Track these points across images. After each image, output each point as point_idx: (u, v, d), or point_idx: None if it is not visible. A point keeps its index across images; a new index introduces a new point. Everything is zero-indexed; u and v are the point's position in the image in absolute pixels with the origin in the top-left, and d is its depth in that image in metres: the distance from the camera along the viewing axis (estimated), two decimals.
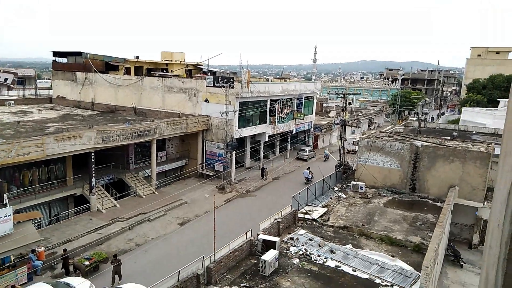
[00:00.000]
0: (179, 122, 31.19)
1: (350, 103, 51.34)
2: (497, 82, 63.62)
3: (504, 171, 1.50)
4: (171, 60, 47.87)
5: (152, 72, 44.06)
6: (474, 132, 36.74)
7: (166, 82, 36.23)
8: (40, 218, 23.13)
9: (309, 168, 35.65)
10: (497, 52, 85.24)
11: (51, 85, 49.31)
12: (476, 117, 44.84)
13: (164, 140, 32.82)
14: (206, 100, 33.71)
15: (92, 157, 25.01)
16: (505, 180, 1.45)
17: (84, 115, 36.01)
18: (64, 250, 19.48)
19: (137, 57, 46.93)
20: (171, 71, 45.57)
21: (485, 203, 23.20)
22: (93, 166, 25.23)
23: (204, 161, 34.15)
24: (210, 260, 15.39)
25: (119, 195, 27.90)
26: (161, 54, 49.67)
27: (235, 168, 33.82)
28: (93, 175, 25.35)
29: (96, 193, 25.92)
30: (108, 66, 43.17)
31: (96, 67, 41.27)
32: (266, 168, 35.67)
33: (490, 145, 26.16)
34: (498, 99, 52.83)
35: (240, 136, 33.96)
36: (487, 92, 63.22)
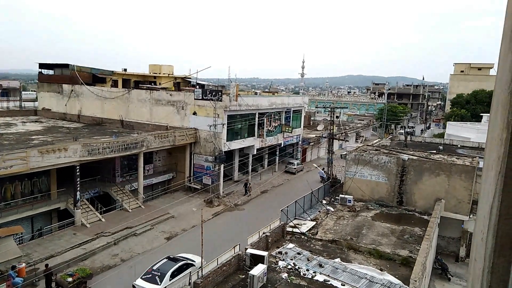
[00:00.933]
0: (167, 134, 31.03)
1: (337, 117, 51.86)
2: (480, 97, 65.27)
3: (486, 184, 1.54)
4: (159, 73, 47.86)
5: (140, 85, 43.86)
6: (459, 146, 37.35)
7: (154, 95, 36.19)
8: (22, 233, 22.50)
9: (323, 168, 35.89)
10: (479, 68, 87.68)
11: (37, 97, 48.68)
12: (460, 131, 45.65)
13: (151, 153, 32.60)
14: (195, 113, 33.71)
15: (77, 170, 24.61)
16: (487, 194, 1.49)
17: (70, 128, 35.55)
18: (46, 265, 18.94)
19: (125, 70, 46.79)
20: (159, 83, 45.51)
21: (470, 216, 23.42)
22: (78, 179, 24.80)
23: (192, 174, 33.96)
24: (197, 275, 15.15)
25: (104, 209, 27.43)
26: (149, 67, 49.65)
27: (223, 182, 33.72)
28: (78, 188, 24.90)
29: (81, 207, 25.43)
30: (95, 78, 42.91)
31: (83, 79, 40.97)
32: (249, 183, 34.82)
33: (474, 158, 26.62)
34: (481, 114, 54.14)
35: (229, 149, 33.93)
36: (470, 107, 64.76)
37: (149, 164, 33.11)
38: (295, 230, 21.01)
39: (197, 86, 40.67)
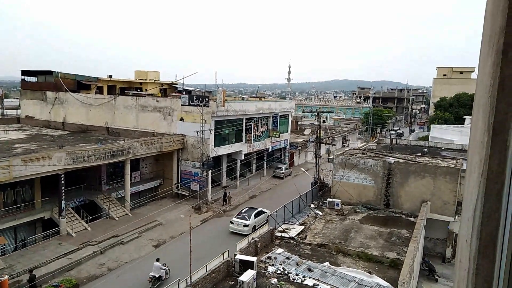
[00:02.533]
0: (154, 141, 30.88)
1: (324, 121, 52.28)
2: (462, 100, 66.62)
3: (469, 186, 1.56)
4: (146, 79, 47.49)
5: (125, 91, 43.45)
6: (443, 148, 37.87)
7: (140, 101, 35.98)
8: (4, 244, 21.92)
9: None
10: (461, 72, 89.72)
11: (19, 105, 47.72)
12: (444, 134, 46.37)
13: (138, 160, 32.34)
14: (181, 119, 33.59)
15: (62, 178, 24.16)
16: (471, 196, 1.51)
17: (54, 135, 34.93)
18: (31, 271, 18.45)
19: (110, 76, 46.33)
20: (146, 90, 45.20)
21: (456, 217, 23.78)
22: (63, 188, 24.34)
23: (179, 181, 33.74)
24: (186, 283, 14.98)
25: (90, 217, 26.96)
26: (135, 73, 49.23)
27: (211, 188, 33.63)
28: (63, 197, 24.43)
29: (66, 216, 24.94)
30: (80, 85, 42.34)
31: (67, 86, 40.39)
32: (229, 193, 33.64)
33: (458, 160, 27.04)
34: (464, 116, 55.23)
35: (216, 155, 33.86)
36: (453, 110, 66.02)
37: (136, 171, 32.82)
38: (284, 234, 20.98)
39: (184, 92, 40.49)
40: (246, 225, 25.78)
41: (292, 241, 20.46)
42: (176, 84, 47.72)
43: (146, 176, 33.83)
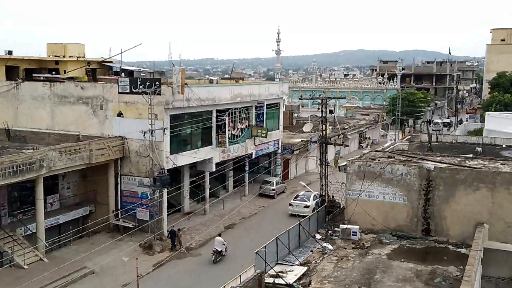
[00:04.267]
0: (79, 148, 30.55)
1: (331, 112, 52.32)
2: None
3: None
4: (64, 56, 46.71)
5: (34, 75, 42.91)
6: (503, 145, 38.03)
7: (57, 89, 35.59)
8: None
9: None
10: None
11: None
12: (505, 125, 46.61)
13: (56, 177, 32.05)
14: (120, 114, 33.43)
15: None
16: None
17: None
18: None
19: (10, 53, 45.60)
20: (65, 72, 44.38)
21: None
22: None
23: (119, 207, 33.68)
24: None
25: None
26: (47, 47, 48.32)
27: (168, 215, 33.45)
28: None
29: None
30: None
31: None
32: (179, 230, 32.62)
33: None
34: None
35: (174, 166, 33.72)
36: None
37: (54, 195, 32.53)
38: (278, 280, 20.75)
39: (123, 74, 39.74)
40: (307, 206, 37.06)
41: None
42: (111, 62, 47.07)
43: (69, 201, 33.46)
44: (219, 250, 29.51)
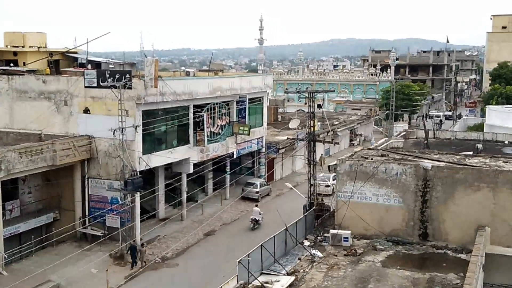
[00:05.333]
0: (41, 149, 30.49)
1: (320, 106, 52.16)
2: None
3: None
4: (23, 46, 46.95)
5: None
6: (506, 142, 38.59)
7: (15, 83, 35.71)
8: None
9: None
10: None
11: None
12: (507, 120, 47.24)
13: (15, 181, 31.91)
14: (87, 111, 33.54)
15: None
16: None
17: None
18: None
19: None
20: (24, 63, 44.65)
21: None
22: None
23: (87, 213, 33.79)
24: None
25: None
26: (5, 36, 48.50)
27: (141, 222, 33.58)
28: None
29: None
30: None
31: None
32: (142, 245, 31.64)
33: None
34: None
35: (148, 168, 33.73)
36: None
37: (13, 201, 32.41)
38: None
39: (89, 66, 40.20)
40: (328, 186, 42.26)
41: None
42: (76, 52, 47.13)
43: (31, 207, 33.61)
44: (257, 219, 35.95)
